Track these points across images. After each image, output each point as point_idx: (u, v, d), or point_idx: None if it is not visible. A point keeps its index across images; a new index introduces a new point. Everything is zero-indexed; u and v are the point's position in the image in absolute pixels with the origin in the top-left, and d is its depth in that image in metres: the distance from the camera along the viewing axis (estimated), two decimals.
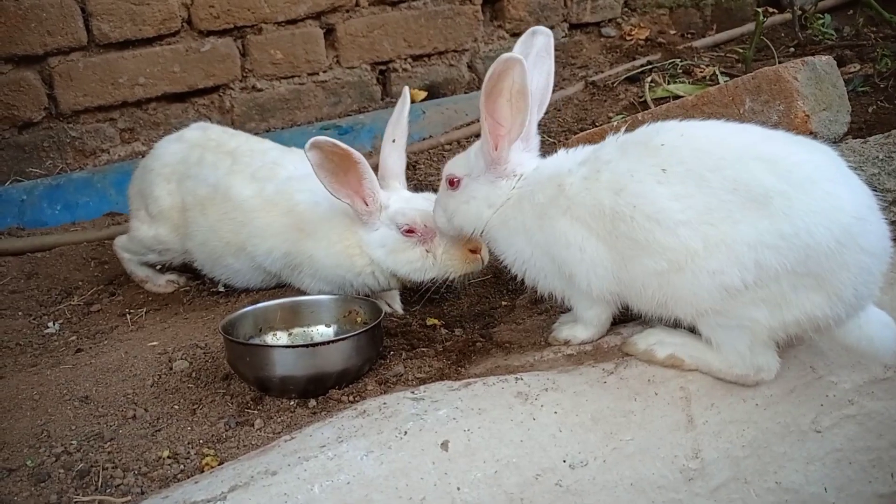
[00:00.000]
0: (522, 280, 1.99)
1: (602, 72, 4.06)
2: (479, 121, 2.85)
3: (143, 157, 3.54)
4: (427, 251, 2.22)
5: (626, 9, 4.71)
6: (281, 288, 2.52)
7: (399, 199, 2.28)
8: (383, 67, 4.10)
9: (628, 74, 3.87)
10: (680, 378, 1.82)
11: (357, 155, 2.12)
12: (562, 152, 1.97)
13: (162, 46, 3.58)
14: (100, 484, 1.64)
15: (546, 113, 3.74)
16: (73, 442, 1.81)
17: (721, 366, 1.79)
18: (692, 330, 1.81)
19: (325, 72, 3.95)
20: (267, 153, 2.54)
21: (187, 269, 2.74)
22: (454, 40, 4.24)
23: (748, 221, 1.63)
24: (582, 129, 3.26)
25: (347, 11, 3.93)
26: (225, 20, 3.66)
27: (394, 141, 2.36)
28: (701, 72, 3.69)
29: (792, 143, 1.74)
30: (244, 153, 2.53)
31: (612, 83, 3.85)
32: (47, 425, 1.89)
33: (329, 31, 3.93)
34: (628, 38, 4.57)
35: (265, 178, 2.43)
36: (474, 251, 2.20)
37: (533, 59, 1.98)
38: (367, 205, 2.20)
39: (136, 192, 2.72)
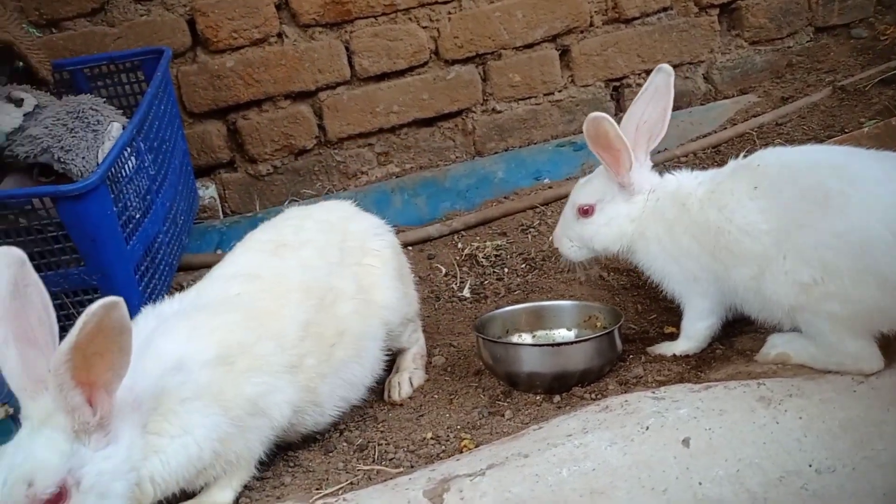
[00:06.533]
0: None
1: (852, 75, 3.85)
2: (715, 132, 2.88)
3: (397, 177, 3.94)
4: None
5: (879, 7, 4.42)
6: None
7: None
8: (617, 84, 4.19)
9: (882, 77, 3.64)
10: None
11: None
12: (686, 172, 2.26)
13: (413, 77, 3.94)
14: (376, 457, 1.90)
15: (789, 121, 3.64)
16: (351, 423, 2.11)
17: (818, 355, 1.87)
18: None
19: (560, 91, 4.12)
20: None
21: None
22: (689, 53, 4.23)
23: (811, 224, 1.78)
24: (829, 137, 3.15)
25: (582, 32, 4.08)
26: (468, 49, 3.96)
27: None
28: None
29: (867, 155, 1.88)
30: None
31: (864, 87, 3.65)
32: None
33: (564, 52, 4.09)
34: (882, 37, 4.28)
35: None
36: None
37: (651, 94, 2.20)
38: None
39: None
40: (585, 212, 2.26)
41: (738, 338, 2.21)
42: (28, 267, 1.52)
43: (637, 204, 2.22)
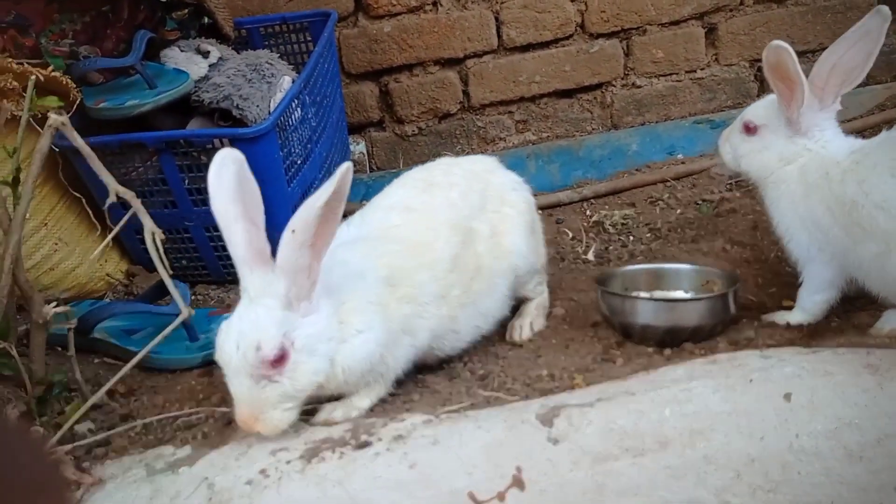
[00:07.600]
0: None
1: None
2: (861, 117, 2.83)
3: (533, 144, 4.11)
4: None
5: None
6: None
7: None
8: (762, 64, 4.16)
9: None
10: None
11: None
12: (848, 137, 2.15)
13: (557, 48, 4.08)
14: (495, 386, 2.11)
15: None
16: (475, 356, 2.33)
17: None
18: None
19: (702, 69, 4.14)
20: None
21: None
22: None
23: None
24: None
25: (731, 11, 4.07)
26: (613, 23, 4.04)
27: None
28: None
29: None
30: None
31: None
32: None
33: (710, 31, 4.10)
34: None
35: None
36: None
37: (858, 36, 2.10)
38: None
39: None
40: (749, 129, 2.25)
41: (856, 313, 2.25)
42: (245, 167, 1.81)
43: (796, 146, 2.15)
